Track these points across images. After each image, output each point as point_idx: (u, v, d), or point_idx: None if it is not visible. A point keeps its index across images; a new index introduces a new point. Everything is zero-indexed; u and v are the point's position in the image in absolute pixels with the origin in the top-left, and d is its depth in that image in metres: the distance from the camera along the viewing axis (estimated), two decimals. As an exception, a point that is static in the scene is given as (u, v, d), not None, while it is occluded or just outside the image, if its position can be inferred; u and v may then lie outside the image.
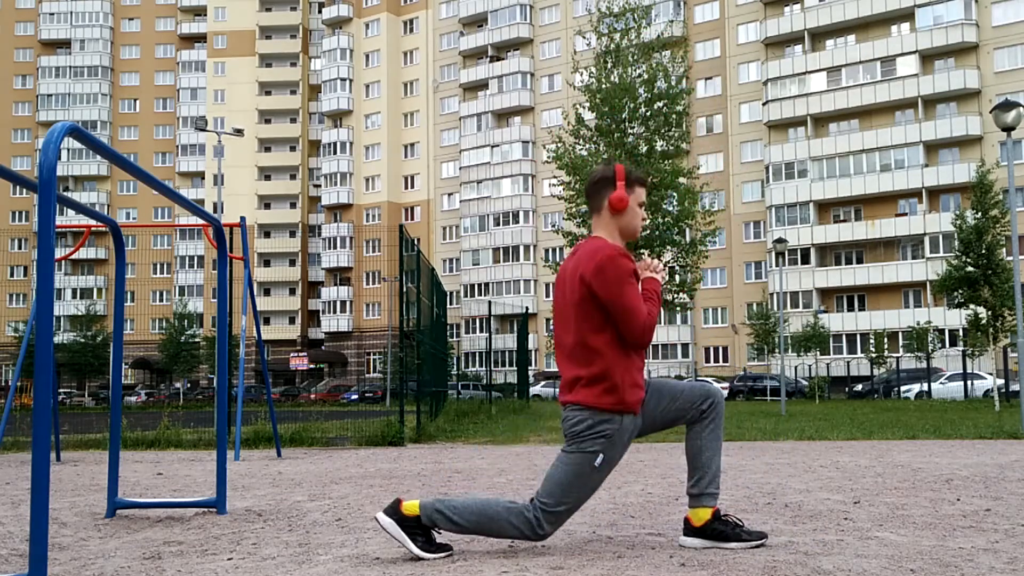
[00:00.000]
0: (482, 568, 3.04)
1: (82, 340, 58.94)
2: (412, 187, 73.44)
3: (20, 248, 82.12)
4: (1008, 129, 12.85)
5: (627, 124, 13.55)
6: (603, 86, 16.65)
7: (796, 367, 46.68)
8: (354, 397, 53.80)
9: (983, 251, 22.13)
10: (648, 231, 13.55)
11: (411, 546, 3.23)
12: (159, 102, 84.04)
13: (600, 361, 3.29)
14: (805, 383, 43.20)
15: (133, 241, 78.32)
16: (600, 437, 3.28)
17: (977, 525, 3.82)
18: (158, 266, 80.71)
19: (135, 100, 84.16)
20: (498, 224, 67.23)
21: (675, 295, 14.20)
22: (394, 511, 3.28)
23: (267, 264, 78.22)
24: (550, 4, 68.08)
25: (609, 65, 13.84)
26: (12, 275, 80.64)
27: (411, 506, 3.28)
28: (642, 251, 13.62)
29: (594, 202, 3.50)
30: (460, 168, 69.82)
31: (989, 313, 22.63)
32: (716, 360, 58.27)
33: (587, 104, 17.21)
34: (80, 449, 10.34)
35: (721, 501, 4.69)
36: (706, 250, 14.30)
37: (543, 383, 53.03)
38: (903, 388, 38.55)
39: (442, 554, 3.26)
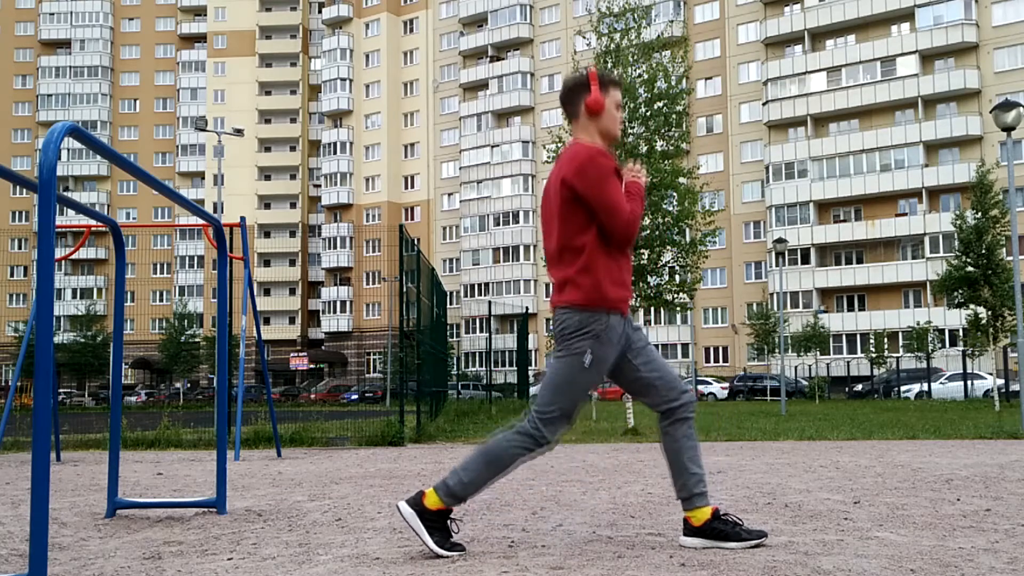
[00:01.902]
0: (482, 568, 3.04)
1: (82, 340, 58.94)
2: (412, 187, 73.44)
3: (20, 248, 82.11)
4: (1008, 129, 12.84)
5: (627, 124, 13.53)
6: (603, 86, 16.50)
7: (796, 367, 46.68)
8: (354, 397, 53.81)
9: (983, 251, 22.12)
10: (648, 231, 13.53)
11: (427, 539, 3.26)
12: (159, 102, 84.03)
13: (584, 260, 3.30)
14: (805, 383, 43.20)
15: (133, 241, 78.33)
16: (587, 336, 3.29)
17: (977, 525, 3.82)
18: (158, 266, 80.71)
19: (135, 100, 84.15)
20: (498, 224, 67.22)
21: (675, 295, 14.19)
22: (416, 503, 3.32)
23: (267, 264, 78.21)
24: (550, 4, 68.08)
25: (609, 65, 13.81)
26: (12, 275, 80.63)
27: (431, 497, 3.31)
28: (642, 251, 13.62)
29: (571, 109, 3.49)
30: (460, 168, 69.82)
31: (989, 313, 22.62)
32: (716, 360, 58.26)
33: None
34: (80, 449, 10.34)
35: (721, 501, 4.69)
36: (706, 250, 14.26)
37: (543, 383, 52.91)
38: (903, 388, 38.55)
39: (455, 553, 3.27)
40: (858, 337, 52.95)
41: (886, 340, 47.36)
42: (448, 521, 3.34)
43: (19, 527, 4.23)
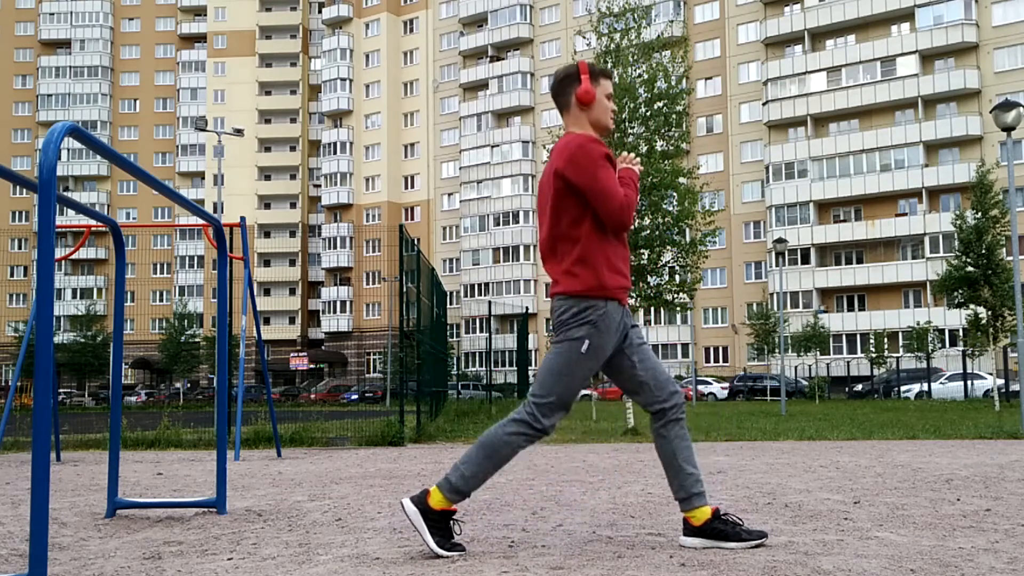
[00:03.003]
0: (482, 568, 3.04)
1: (82, 340, 58.92)
2: (412, 187, 73.45)
3: (20, 248, 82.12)
4: (1008, 129, 12.84)
5: (627, 124, 13.53)
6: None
7: (796, 367, 46.68)
8: (354, 397, 53.81)
9: (983, 251, 22.12)
10: (648, 231, 13.52)
11: (428, 539, 3.26)
12: (159, 102, 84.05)
13: (580, 250, 3.30)
14: (805, 383, 43.21)
15: (133, 241, 78.34)
16: (585, 323, 3.29)
17: (977, 525, 3.82)
18: (158, 266, 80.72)
19: (135, 100, 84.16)
20: (498, 224, 67.22)
21: (675, 295, 14.18)
22: (421, 501, 3.32)
23: (267, 264, 78.22)
24: (550, 4, 68.08)
25: (609, 65, 13.82)
26: (12, 275, 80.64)
27: (436, 496, 3.31)
28: (642, 251, 13.61)
29: (562, 100, 3.49)
30: (460, 168, 69.83)
31: (989, 313, 22.63)
32: (716, 360, 58.27)
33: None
34: (80, 449, 10.34)
35: (721, 501, 4.69)
36: (706, 250, 14.25)
37: (543, 383, 52.92)
38: (903, 388, 38.55)
39: (455, 553, 3.27)
40: (858, 337, 52.96)
41: (886, 340, 47.36)
42: (451, 522, 3.34)
43: (19, 527, 4.23)
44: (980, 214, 22.59)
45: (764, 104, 57.74)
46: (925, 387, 37.16)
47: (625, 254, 3.42)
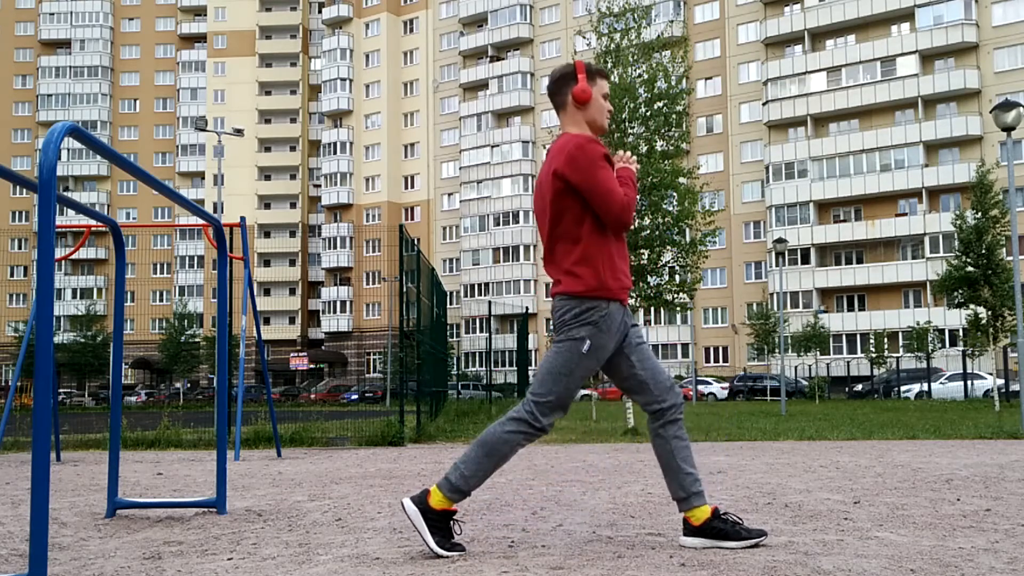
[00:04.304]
0: (482, 568, 3.04)
1: (82, 340, 58.92)
2: (412, 187, 73.46)
3: (20, 248, 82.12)
4: (1008, 129, 12.84)
5: (627, 124, 13.52)
6: (603, 86, 16.53)
7: (796, 367, 46.68)
8: (354, 397, 53.81)
9: (983, 251, 22.12)
10: (648, 231, 13.52)
11: (428, 539, 3.26)
12: (159, 102, 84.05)
13: (580, 250, 3.31)
14: (805, 383, 43.21)
15: (133, 241, 78.34)
16: (586, 323, 3.29)
17: (977, 525, 3.82)
18: (158, 266, 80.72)
19: (135, 100, 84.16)
20: (498, 224, 67.23)
21: (675, 295, 14.18)
22: (421, 501, 3.32)
23: (267, 264, 78.23)
24: (550, 4, 68.09)
25: (609, 65, 13.81)
26: (12, 275, 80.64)
27: (436, 496, 3.32)
28: (642, 251, 13.61)
29: (559, 100, 3.49)
30: (460, 168, 69.83)
31: (989, 313, 22.62)
32: (716, 360, 58.27)
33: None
34: (80, 449, 10.34)
35: (721, 501, 4.69)
36: (706, 250, 14.25)
37: (543, 383, 52.91)
38: (903, 388, 38.55)
39: (455, 553, 3.27)
40: (858, 337, 52.96)
41: (886, 340, 47.37)
42: (451, 522, 3.34)
43: (19, 527, 4.23)
44: (980, 214, 22.58)
45: (764, 104, 57.74)
46: (925, 387, 37.16)
47: (625, 254, 3.43)
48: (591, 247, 3.31)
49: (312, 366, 66.72)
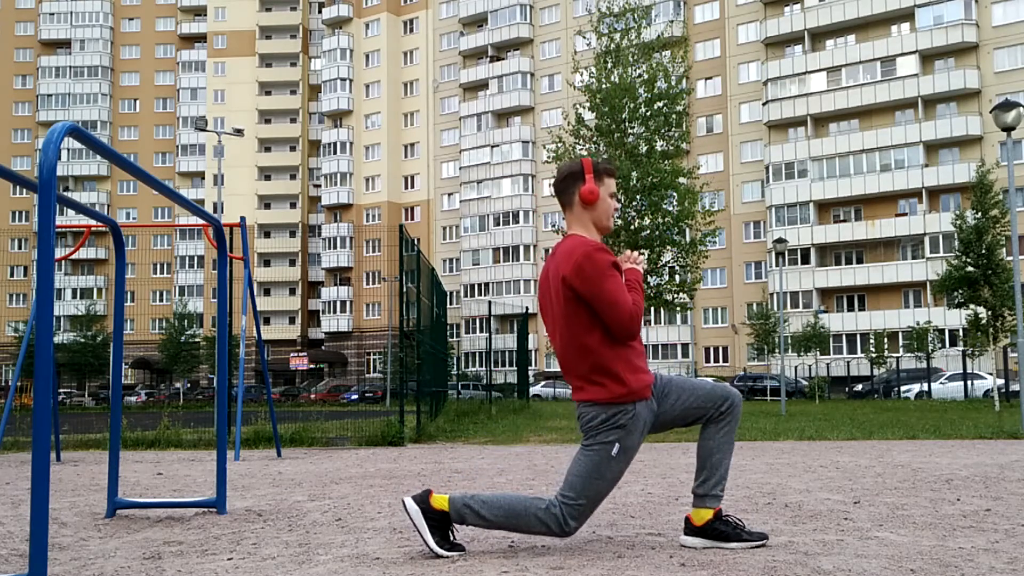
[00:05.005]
0: (482, 568, 3.04)
1: (82, 340, 58.92)
2: (412, 187, 73.45)
3: (20, 248, 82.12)
4: (1008, 129, 12.84)
5: (627, 124, 13.55)
6: (603, 86, 16.64)
7: (796, 367, 46.68)
8: (354, 397, 53.79)
9: (983, 251, 22.12)
10: (648, 231, 13.54)
11: (428, 538, 3.26)
12: (159, 102, 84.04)
13: (598, 358, 3.30)
14: (805, 383, 43.21)
15: (133, 241, 78.32)
16: (616, 428, 3.29)
17: (977, 525, 3.82)
18: (158, 266, 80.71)
19: (135, 100, 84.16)
20: (498, 224, 67.23)
21: (675, 295, 14.20)
22: (422, 500, 3.31)
23: (267, 264, 78.23)
24: (550, 4, 68.08)
25: (609, 65, 13.84)
26: (12, 275, 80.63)
27: (440, 500, 3.31)
28: (643, 251, 13.62)
29: (565, 199, 3.49)
30: (460, 168, 69.83)
31: (989, 313, 22.63)
32: (716, 360, 58.27)
33: (587, 104, 17.21)
34: (80, 449, 10.34)
35: (721, 501, 4.69)
36: (706, 250, 14.29)
37: (543, 383, 53.03)
38: (903, 388, 38.54)
39: (455, 553, 3.27)
40: (858, 337, 52.95)
41: (886, 340, 47.36)
42: (452, 523, 3.34)
43: (19, 527, 4.23)
44: (980, 214, 22.59)
45: (764, 104, 57.74)
46: (925, 387, 37.15)
47: (641, 349, 3.41)
48: (608, 353, 3.30)
49: (312, 366, 66.71)
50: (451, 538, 3.32)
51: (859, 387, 43.57)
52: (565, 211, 3.52)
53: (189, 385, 65.02)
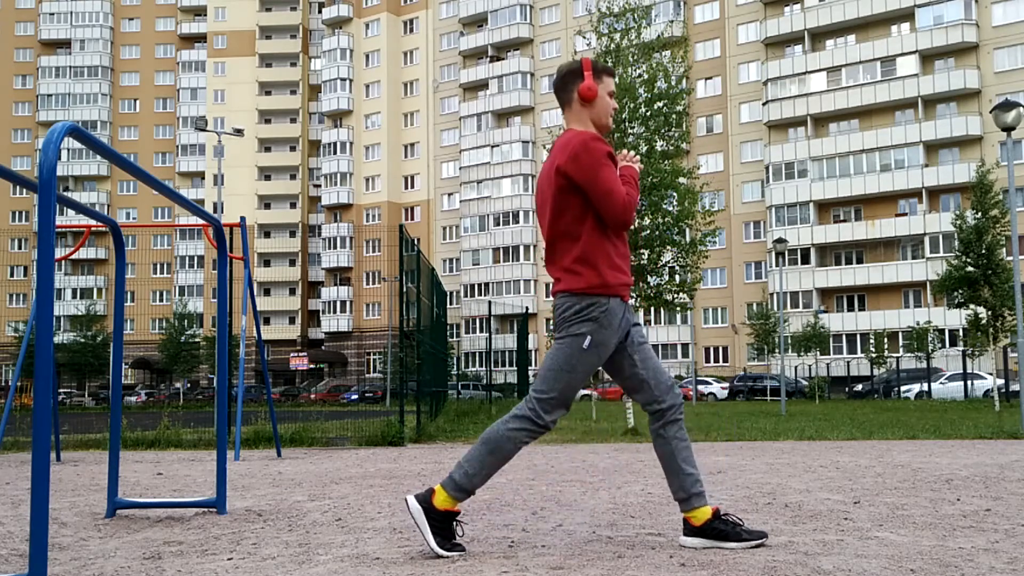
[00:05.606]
0: (482, 568, 3.04)
1: (82, 340, 58.93)
2: (412, 187, 73.47)
3: (20, 248, 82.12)
4: (1008, 129, 12.84)
5: (627, 124, 13.53)
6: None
7: (796, 367, 46.69)
8: (354, 397, 53.80)
9: (983, 251, 22.12)
10: (648, 231, 13.51)
11: (429, 537, 3.27)
12: (159, 102, 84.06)
13: (581, 247, 3.31)
14: (805, 383, 43.21)
15: (133, 241, 78.34)
16: (587, 320, 3.30)
17: (977, 525, 3.82)
18: (158, 266, 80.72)
19: (135, 100, 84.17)
20: (498, 224, 67.24)
21: (675, 295, 14.18)
22: (425, 499, 3.32)
23: (267, 264, 78.24)
24: (550, 4, 68.09)
25: (609, 65, 13.84)
26: (12, 275, 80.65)
27: (442, 499, 3.31)
28: (642, 251, 13.61)
29: (564, 96, 3.49)
30: (460, 168, 69.84)
31: (989, 313, 22.62)
32: (716, 360, 58.28)
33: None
34: (80, 449, 10.34)
35: (721, 501, 4.69)
36: (706, 250, 14.25)
37: (543, 383, 52.91)
38: (903, 388, 38.55)
39: (456, 553, 3.27)
40: (858, 337, 52.96)
41: (886, 340, 47.36)
42: (453, 523, 3.34)
43: (19, 527, 4.23)
44: (980, 214, 22.58)
45: (764, 104, 57.75)
46: (925, 387, 37.15)
47: (626, 251, 3.43)
48: (591, 245, 3.31)
49: (312, 366, 66.73)
50: (452, 538, 3.32)
51: (859, 387, 43.59)
52: (564, 110, 3.51)
53: (189, 385, 65.03)
